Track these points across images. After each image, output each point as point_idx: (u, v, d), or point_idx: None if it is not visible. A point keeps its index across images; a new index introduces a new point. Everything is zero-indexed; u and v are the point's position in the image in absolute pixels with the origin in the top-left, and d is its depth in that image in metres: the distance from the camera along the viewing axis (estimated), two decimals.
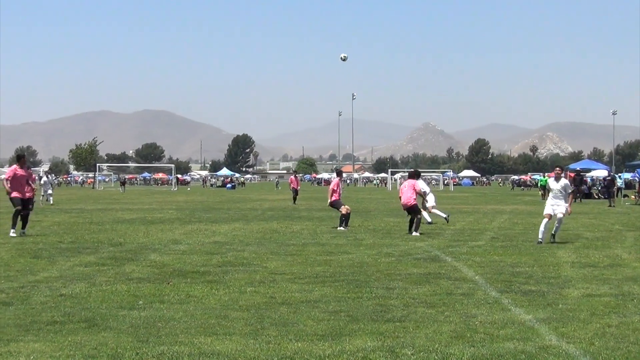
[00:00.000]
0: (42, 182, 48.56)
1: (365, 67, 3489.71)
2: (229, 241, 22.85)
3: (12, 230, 23.81)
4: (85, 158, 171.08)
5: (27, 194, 24.59)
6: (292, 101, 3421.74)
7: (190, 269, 16.14)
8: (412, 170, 28.06)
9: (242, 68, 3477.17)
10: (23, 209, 24.20)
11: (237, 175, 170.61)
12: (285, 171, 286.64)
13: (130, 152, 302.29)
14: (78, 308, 11.32)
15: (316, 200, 59.03)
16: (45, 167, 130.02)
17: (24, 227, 24.45)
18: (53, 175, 69.19)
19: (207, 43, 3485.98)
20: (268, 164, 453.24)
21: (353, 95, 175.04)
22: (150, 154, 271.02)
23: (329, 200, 29.30)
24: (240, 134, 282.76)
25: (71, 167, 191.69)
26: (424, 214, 30.63)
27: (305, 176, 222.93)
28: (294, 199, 53.22)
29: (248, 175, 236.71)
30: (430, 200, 32.12)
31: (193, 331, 9.76)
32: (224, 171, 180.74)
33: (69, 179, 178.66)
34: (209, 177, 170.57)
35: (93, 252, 19.52)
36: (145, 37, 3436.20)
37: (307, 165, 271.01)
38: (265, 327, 10.06)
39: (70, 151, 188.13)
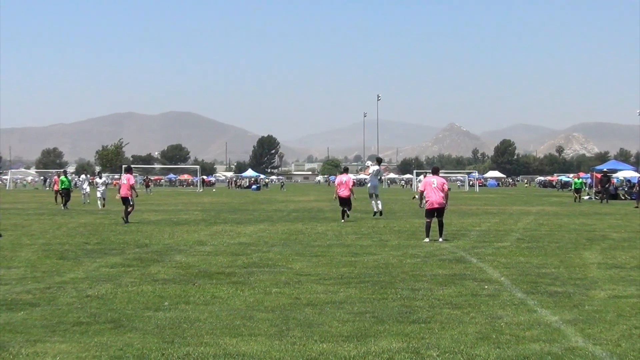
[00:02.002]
0: (95, 184, 48.78)
1: (391, 68, 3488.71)
2: (254, 242, 22.87)
3: None
4: (112, 159, 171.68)
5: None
6: (318, 102, 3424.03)
7: (216, 270, 16.17)
8: (435, 166, 27.75)
9: (268, 69, 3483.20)
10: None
11: (262, 176, 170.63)
12: (310, 172, 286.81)
13: (156, 153, 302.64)
14: (104, 309, 11.38)
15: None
16: (71, 168, 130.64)
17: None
18: (88, 175, 69.53)
19: (233, 45, 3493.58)
20: (293, 165, 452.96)
21: (378, 97, 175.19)
22: (175, 155, 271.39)
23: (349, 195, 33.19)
24: (266, 135, 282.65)
25: (97, 168, 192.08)
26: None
27: (330, 177, 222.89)
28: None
29: (273, 177, 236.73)
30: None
31: (218, 332, 9.79)
32: (249, 172, 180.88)
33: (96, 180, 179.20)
34: (236, 179, 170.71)
35: (119, 253, 19.61)
36: (171, 38, 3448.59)
37: (332, 166, 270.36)
38: (291, 328, 10.06)
39: (97, 152, 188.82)
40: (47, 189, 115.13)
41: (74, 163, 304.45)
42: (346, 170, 36.83)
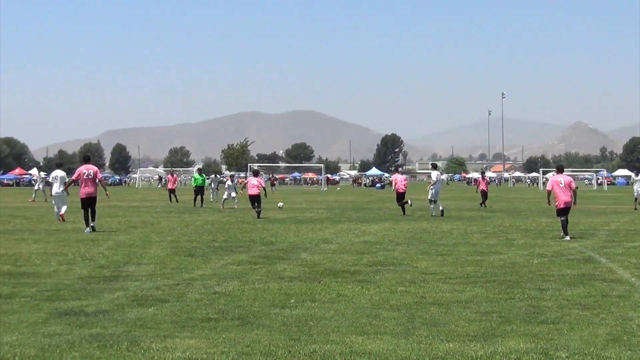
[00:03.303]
0: (226, 185, 49.38)
1: (515, 65, 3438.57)
2: (379, 241, 22.89)
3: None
4: (237, 158, 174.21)
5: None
6: (441, 100, 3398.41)
7: (341, 268, 16.25)
8: (559, 165, 27.46)
9: (390, 67, 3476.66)
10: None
11: (386, 175, 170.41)
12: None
13: (281, 152, 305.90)
14: (231, 306, 11.56)
15: (467, 200, 58.58)
16: (198, 166, 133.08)
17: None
18: (218, 175, 70.50)
19: (355, 43, 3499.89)
20: (417, 163, 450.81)
21: (503, 94, 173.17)
22: (300, 153, 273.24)
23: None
24: (389, 134, 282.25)
25: (223, 167, 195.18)
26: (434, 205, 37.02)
27: (455, 176, 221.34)
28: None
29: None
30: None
31: (344, 330, 9.83)
32: (373, 171, 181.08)
33: (222, 178, 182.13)
34: (360, 177, 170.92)
35: (245, 250, 19.89)
36: (293, 38, 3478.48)
37: (457, 164, 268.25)
38: (416, 326, 10.04)
39: (222, 151, 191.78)
40: (159, 186, 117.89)
41: (200, 162, 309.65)
42: (397, 169, 46.92)
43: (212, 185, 59.95)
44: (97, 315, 10.76)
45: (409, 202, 38.65)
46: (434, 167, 41.82)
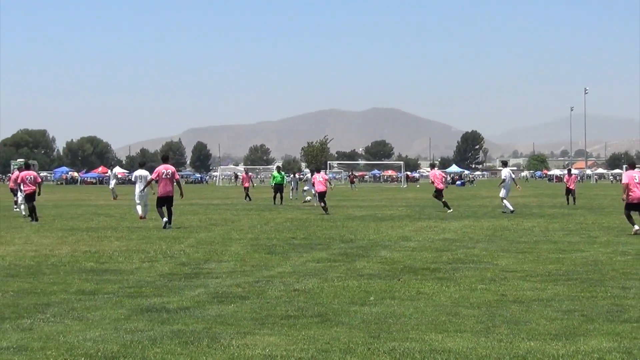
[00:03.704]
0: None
1: (598, 59, 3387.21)
2: (458, 238, 22.75)
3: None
4: (317, 156, 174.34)
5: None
6: (522, 96, 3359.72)
7: (421, 265, 16.19)
8: (631, 161, 27.29)
9: (470, 63, 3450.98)
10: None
11: (466, 172, 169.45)
12: (515, 168, 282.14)
13: (360, 149, 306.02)
14: (311, 303, 11.59)
15: (548, 197, 57.94)
16: (278, 164, 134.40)
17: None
18: (296, 175, 71.12)
19: (435, 40, 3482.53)
20: (498, 160, 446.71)
21: (585, 90, 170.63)
22: (379, 151, 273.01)
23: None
24: (470, 131, 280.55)
25: (303, 164, 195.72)
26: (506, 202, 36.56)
27: (536, 173, 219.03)
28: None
29: (477, 172, 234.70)
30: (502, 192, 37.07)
31: (424, 328, 9.79)
32: (453, 168, 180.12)
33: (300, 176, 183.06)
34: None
35: (325, 248, 19.93)
36: (374, 35, 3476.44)
37: (538, 161, 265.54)
38: (497, 325, 9.96)
39: (302, 149, 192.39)
40: (236, 184, 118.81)
41: (280, 159, 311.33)
42: (432, 166, 45.06)
43: (292, 183, 60.54)
44: (178, 312, 10.89)
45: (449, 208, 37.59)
46: (504, 164, 41.62)
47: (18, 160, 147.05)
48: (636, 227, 23.57)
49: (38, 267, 16.08)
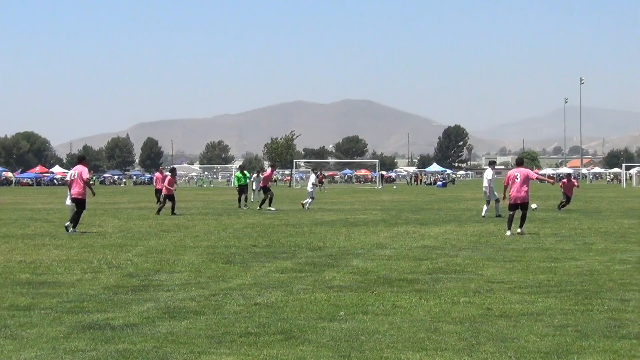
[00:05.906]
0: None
1: (594, 48, 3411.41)
2: (439, 245, 22.83)
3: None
4: (281, 153, 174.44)
5: None
6: (511, 87, 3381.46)
7: (397, 276, 16.23)
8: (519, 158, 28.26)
9: (453, 51, 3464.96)
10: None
11: (448, 171, 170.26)
12: (503, 166, 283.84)
13: (330, 146, 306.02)
14: (274, 318, 11.60)
15: (539, 199, 58.26)
16: (239, 163, 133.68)
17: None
18: (260, 174, 70.94)
19: (412, 26, 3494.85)
20: (484, 158, 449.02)
21: (581, 80, 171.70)
22: (352, 148, 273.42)
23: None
24: (452, 125, 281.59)
25: (265, 163, 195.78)
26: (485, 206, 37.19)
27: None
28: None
29: (461, 172, 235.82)
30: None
31: (400, 346, 9.83)
32: (434, 167, 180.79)
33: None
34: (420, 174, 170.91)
35: (290, 257, 19.93)
36: (344, 19, 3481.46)
37: (529, 159, 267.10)
38: (481, 342, 10.01)
39: (265, 146, 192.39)
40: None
41: (240, 157, 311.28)
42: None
43: (255, 184, 60.20)
44: (124, 329, 10.87)
45: None
46: (492, 164, 41.76)
47: None
48: (509, 232, 25.68)
49: None
